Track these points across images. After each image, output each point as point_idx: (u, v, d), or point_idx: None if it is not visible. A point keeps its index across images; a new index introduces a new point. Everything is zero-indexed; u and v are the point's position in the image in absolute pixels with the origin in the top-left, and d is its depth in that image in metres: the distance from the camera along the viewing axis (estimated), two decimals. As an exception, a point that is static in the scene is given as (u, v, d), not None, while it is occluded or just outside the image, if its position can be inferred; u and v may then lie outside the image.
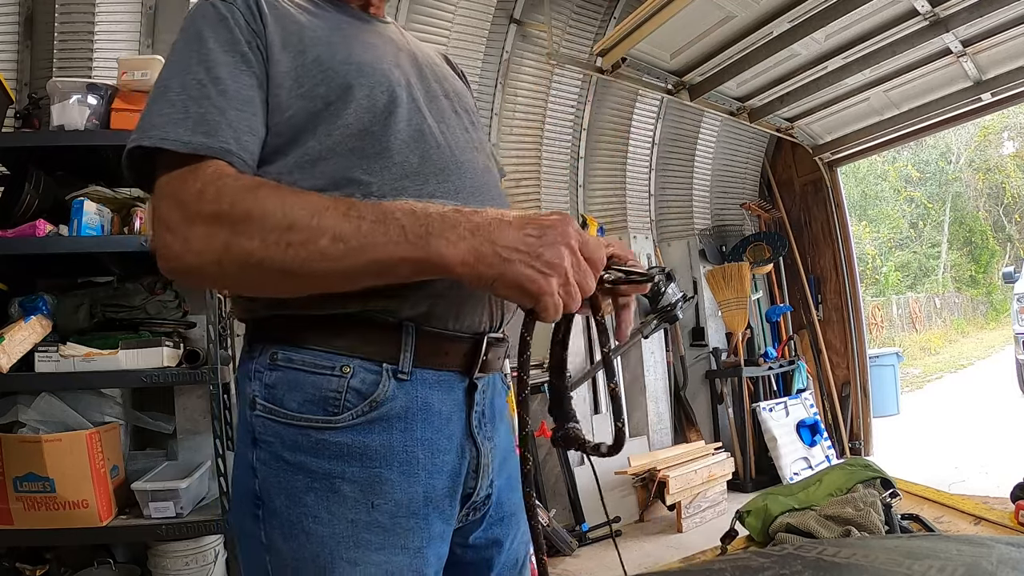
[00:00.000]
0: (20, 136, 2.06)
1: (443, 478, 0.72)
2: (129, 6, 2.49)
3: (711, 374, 4.10)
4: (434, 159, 0.73)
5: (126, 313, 2.06)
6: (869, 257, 15.07)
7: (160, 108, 0.65)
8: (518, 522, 0.85)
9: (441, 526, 0.73)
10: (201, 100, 0.65)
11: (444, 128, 0.78)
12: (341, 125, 0.70)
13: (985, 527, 0.97)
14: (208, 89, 0.65)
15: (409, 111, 0.75)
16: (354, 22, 0.82)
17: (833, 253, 4.48)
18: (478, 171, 0.78)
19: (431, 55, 0.91)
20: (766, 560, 0.66)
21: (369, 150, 0.70)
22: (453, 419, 0.73)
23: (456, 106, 0.84)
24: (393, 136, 0.72)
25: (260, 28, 0.70)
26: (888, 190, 16.30)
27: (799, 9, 2.76)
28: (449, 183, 0.73)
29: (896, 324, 13.64)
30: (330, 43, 0.75)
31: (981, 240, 16.82)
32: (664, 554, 2.78)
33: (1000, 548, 0.64)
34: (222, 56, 0.67)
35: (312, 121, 0.70)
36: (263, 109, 0.69)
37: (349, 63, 0.73)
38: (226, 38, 0.68)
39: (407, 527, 0.69)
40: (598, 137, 3.92)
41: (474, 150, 0.81)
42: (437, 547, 0.73)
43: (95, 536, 1.87)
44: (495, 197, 0.80)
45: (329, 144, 0.69)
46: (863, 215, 15.82)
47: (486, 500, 0.79)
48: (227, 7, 0.70)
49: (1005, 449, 4.22)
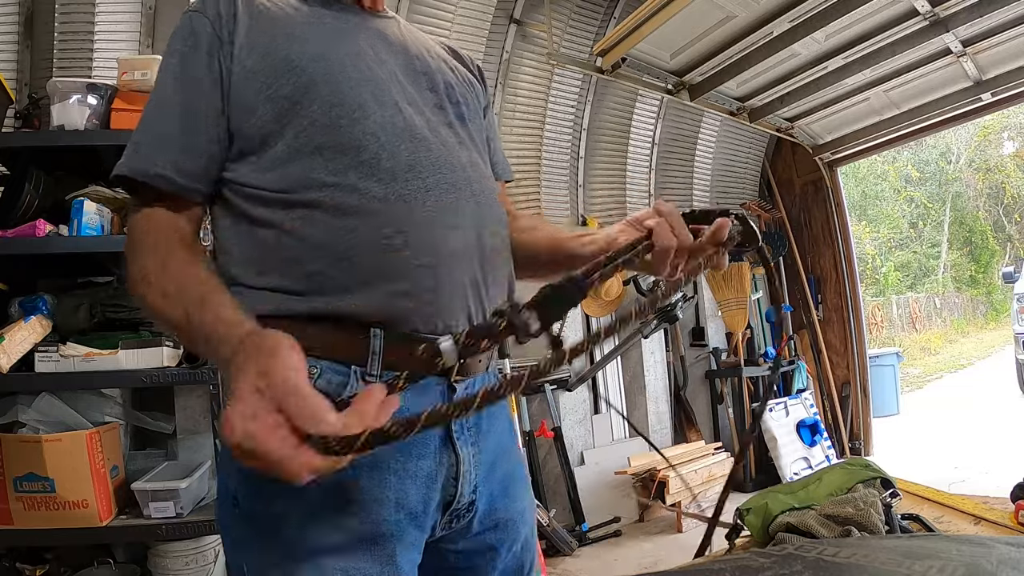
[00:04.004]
0: (20, 136, 2.06)
1: (417, 484, 0.70)
2: (129, 6, 2.49)
3: (711, 374, 4.10)
4: (403, 155, 0.71)
5: (126, 313, 2.06)
6: (869, 257, 15.06)
7: (134, 134, 0.72)
8: (517, 528, 0.82)
9: (415, 533, 0.71)
10: (152, 126, 0.71)
11: (421, 122, 0.75)
12: (307, 125, 0.70)
13: (985, 527, 0.97)
14: (163, 114, 0.71)
15: (379, 106, 0.73)
16: (342, 16, 0.80)
17: (833, 253, 4.48)
18: (456, 166, 0.76)
19: (430, 48, 0.88)
20: (766, 560, 0.66)
21: (333, 149, 0.70)
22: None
23: (444, 101, 0.81)
24: (359, 133, 0.71)
25: (229, 33, 0.72)
26: (888, 190, 16.30)
27: (799, 9, 2.76)
28: (419, 180, 0.71)
29: (896, 324, 13.63)
30: (304, 39, 0.74)
31: (981, 240, 16.81)
32: (664, 554, 2.78)
33: (1000, 548, 0.64)
34: (183, 74, 0.71)
35: (279, 122, 0.70)
36: (220, 121, 0.71)
37: (318, 60, 0.72)
38: (188, 55, 0.71)
39: (377, 532, 0.67)
40: (598, 137, 3.92)
41: (457, 145, 0.78)
42: (410, 554, 0.71)
43: (95, 536, 1.86)
44: (476, 193, 0.77)
45: (296, 145, 0.70)
46: (863, 215, 15.82)
47: (470, 507, 0.76)
48: (198, 19, 0.72)
49: (1005, 449, 4.22)
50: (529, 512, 0.87)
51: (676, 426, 4.03)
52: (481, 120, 0.90)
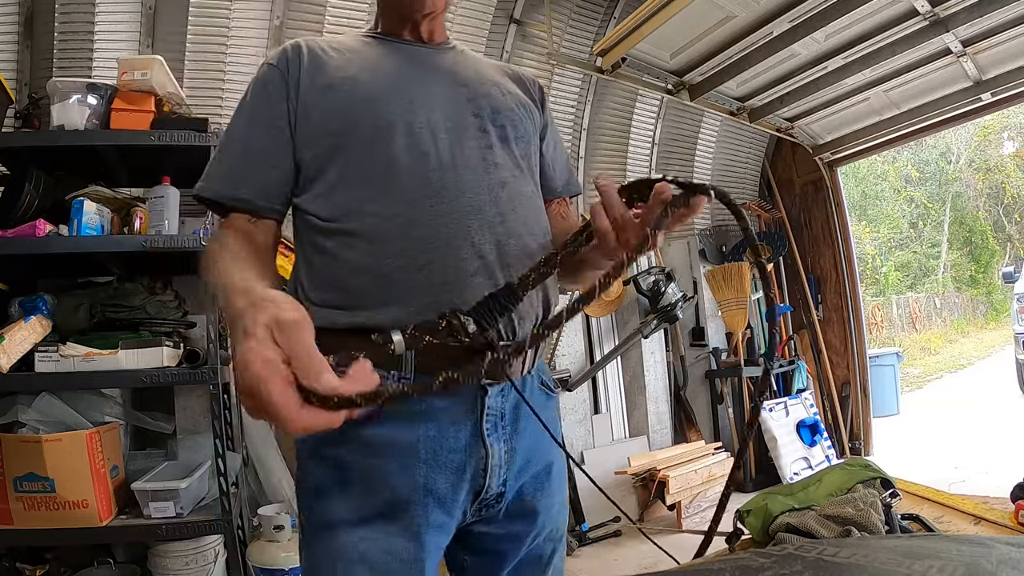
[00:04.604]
0: (20, 136, 2.06)
1: (446, 473, 0.79)
2: (129, 6, 2.49)
3: (711, 374, 4.10)
4: (432, 184, 0.81)
5: (126, 313, 2.06)
6: (869, 257, 15.06)
7: (211, 162, 0.89)
8: (543, 522, 0.90)
9: (442, 517, 0.80)
10: (233, 157, 0.86)
11: (456, 152, 0.83)
12: (350, 160, 0.82)
13: (985, 527, 0.97)
14: (239, 147, 0.86)
15: (413, 141, 0.82)
16: (401, 52, 0.92)
17: (833, 253, 4.48)
18: (482, 189, 0.83)
19: (483, 74, 0.96)
20: (766, 560, 0.66)
21: (370, 181, 0.81)
22: (460, 421, 0.80)
23: (487, 124, 0.88)
24: (393, 168, 0.81)
25: (296, 80, 0.86)
26: (888, 190, 16.29)
27: (799, 9, 2.76)
28: (444, 205, 0.80)
29: (896, 324, 13.63)
30: (357, 81, 0.86)
31: (981, 240, 16.80)
32: (663, 554, 2.77)
33: (1000, 548, 0.64)
34: (257, 118, 0.86)
35: (329, 157, 0.83)
36: (287, 157, 0.85)
37: (366, 101, 0.84)
38: (263, 100, 0.86)
39: (405, 513, 0.78)
40: (598, 137, 3.92)
41: (492, 168, 0.85)
42: (436, 536, 0.80)
43: (95, 536, 1.87)
44: (504, 212, 0.83)
45: (341, 178, 0.82)
46: (863, 215, 15.81)
47: (499, 498, 0.85)
48: (271, 70, 0.88)
49: (1005, 449, 4.22)
50: (558, 509, 0.94)
51: (676, 426, 4.03)
52: (531, 142, 0.96)
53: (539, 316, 0.86)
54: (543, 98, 1.04)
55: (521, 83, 1.02)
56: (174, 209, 2.02)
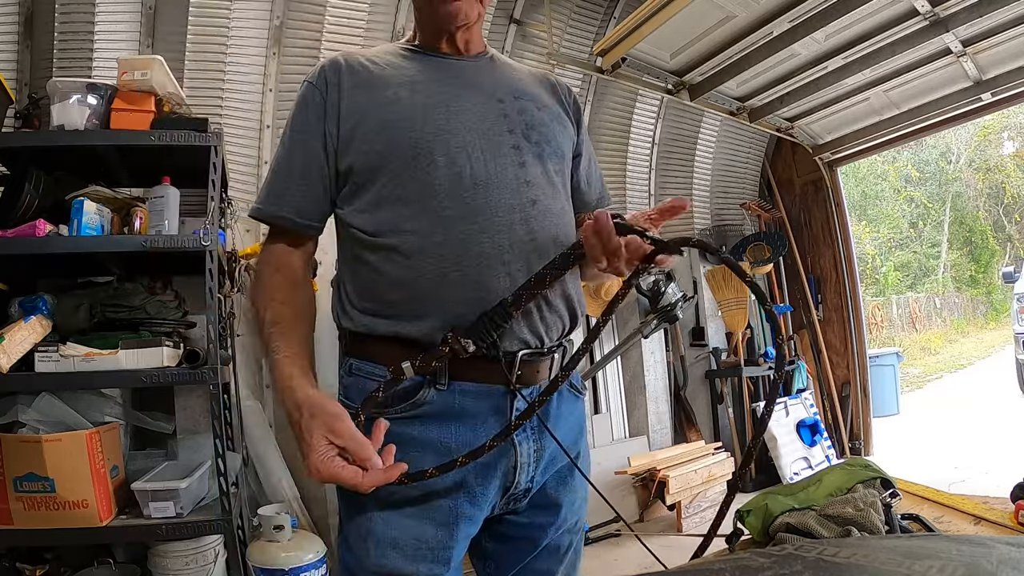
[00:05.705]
0: (20, 136, 2.05)
1: (477, 470, 0.85)
2: (129, 6, 2.49)
3: (711, 374, 4.10)
4: (464, 202, 0.85)
5: (126, 313, 2.06)
6: (869, 257, 15.05)
7: (264, 184, 0.95)
8: (565, 516, 0.96)
9: (471, 509, 0.87)
10: (276, 179, 0.93)
11: (490, 168, 0.88)
12: (390, 178, 0.87)
13: (985, 527, 0.97)
14: (284, 167, 0.93)
15: (449, 159, 0.86)
16: (438, 66, 0.96)
17: (833, 253, 4.48)
18: (514, 207, 0.87)
19: (519, 86, 0.99)
20: (766, 560, 0.66)
21: (407, 199, 0.86)
22: (490, 421, 0.87)
23: (521, 140, 0.92)
24: (429, 186, 0.86)
25: (335, 99, 0.90)
26: (888, 190, 16.28)
27: (799, 9, 2.76)
28: (475, 224, 0.85)
29: (896, 324, 13.63)
30: (395, 100, 0.90)
31: (981, 240, 16.80)
32: (664, 554, 2.76)
33: (1000, 548, 0.64)
34: (296, 140, 0.92)
35: (370, 174, 0.88)
36: (323, 177, 0.91)
37: (404, 120, 0.88)
38: (302, 121, 0.92)
39: (437, 504, 0.85)
40: (598, 137, 3.91)
41: (524, 184, 0.89)
42: (465, 526, 0.87)
43: (95, 536, 1.86)
44: (534, 228, 0.88)
45: (381, 195, 0.87)
46: (863, 215, 15.80)
47: (525, 493, 0.91)
48: (310, 90, 0.93)
49: (1005, 449, 4.22)
50: (580, 503, 1.00)
51: (676, 426, 4.02)
52: (564, 156, 0.99)
53: (565, 326, 0.92)
54: (578, 110, 1.07)
55: (556, 93, 1.04)
56: (174, 209, 2.02)
